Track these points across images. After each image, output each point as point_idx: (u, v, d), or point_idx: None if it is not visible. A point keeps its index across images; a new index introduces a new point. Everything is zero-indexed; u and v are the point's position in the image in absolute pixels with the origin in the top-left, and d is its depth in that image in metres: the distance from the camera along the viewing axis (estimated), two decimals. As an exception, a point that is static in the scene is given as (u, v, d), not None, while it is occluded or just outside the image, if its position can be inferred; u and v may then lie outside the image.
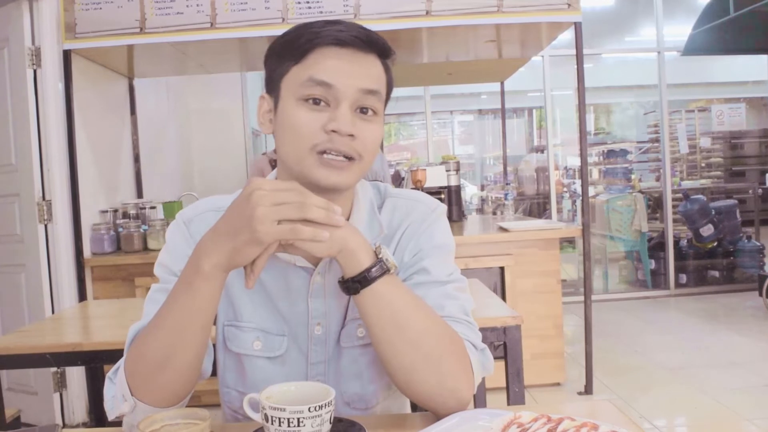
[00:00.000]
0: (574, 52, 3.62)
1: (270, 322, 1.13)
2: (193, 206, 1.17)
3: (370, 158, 1.07)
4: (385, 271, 0.98)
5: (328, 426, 0.90)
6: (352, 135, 1.01)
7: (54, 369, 3.30)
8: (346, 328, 1.13)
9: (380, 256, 0.99)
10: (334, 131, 1.00)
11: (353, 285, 0.98)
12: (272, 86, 1.07)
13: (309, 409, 0.87)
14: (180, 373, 0.98)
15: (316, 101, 1.01)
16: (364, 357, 1.13)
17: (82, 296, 3.45)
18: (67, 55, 3.40)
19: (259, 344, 1.12)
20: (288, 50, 1.04)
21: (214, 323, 1.14)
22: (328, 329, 1.13)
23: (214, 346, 1.16)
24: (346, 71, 1.01)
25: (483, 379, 2.22)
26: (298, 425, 0.87)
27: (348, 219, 1.12)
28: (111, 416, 1.02)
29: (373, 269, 0.97)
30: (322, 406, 0.88)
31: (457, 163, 4.58)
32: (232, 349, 1.14)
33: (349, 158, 1.02)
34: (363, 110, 1.03)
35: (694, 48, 6.55)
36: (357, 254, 0.97)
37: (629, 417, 1.02)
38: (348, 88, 1.01)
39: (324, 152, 1.01)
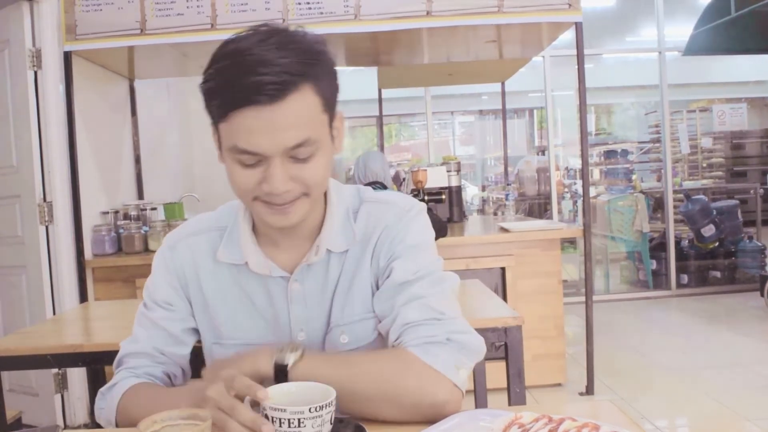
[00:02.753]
0: (574, 52, 3.62)
1: (254, 333, 1.16)
2: (179, 229, 1.24)
3: (319, 190, 1.07)
4: (284, 363, 1.02)
5: (328, 426, 0.90)
6: (288, 190, 1.01)
7: (55, 370, 3.30)
8: (329, 335, 1.15)
9: (278, 360, 1.02)
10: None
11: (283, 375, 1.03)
12: (213, 123, 1.05)
13: (310, 409, 0.87)
14: None
15: (249, 155, 0.99)
16: None
17: (83, 297, 3.45)
18: (67, 57, 3.39)
19: None
20: (210, 101, 1.01)
21: (202, 340, 1.22)
22: (311, 335, 1.15)
23: (194, 352, 1.23)
24: (267, 133, 0.96)
25: (484, 378, 2.23)
26: (299, 426, 0.87)
27: (320, 227, 1.14)
28: (98, 420, 1.16)
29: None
30: (322, 407, 0.88)
31: (458, 163, 4.58)
32: None
33: (294, 199, 1.03)
34: (298, 154, 1.00)
35: (695, 48, 6.55)
36: (255, 361, 1.03)
37: (630, 417, 1.02)
38: (273, 149, 0.98)
39: (267, 201, 1.03)
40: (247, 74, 0.95)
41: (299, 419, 0.87)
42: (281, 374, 1.03)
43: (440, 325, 1.07)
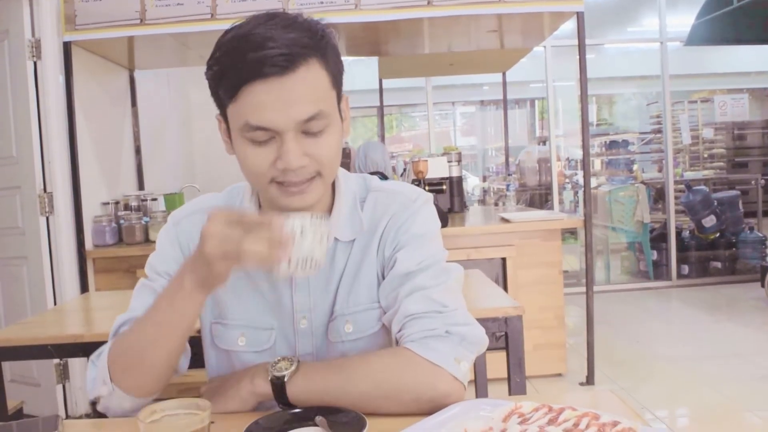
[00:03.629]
0: (576, 42, 3.60)
1: (257, 316, 1.16)
2: (184, 207, 1.23)
3: (332, 169, 1.07)
4: (281, 378, 1.04)
5: (326, 244, 0.96)
6: (303, 166, 1.01)
7: (56, 361, 3.31)
8: (333, 323, 1.15)
9: (275, 376, 1.04)
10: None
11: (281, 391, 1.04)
12: (221, 111, 1.06)
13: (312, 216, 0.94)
14: (155, 369, 1.06)
15: (262, 131, 0.99)
16: (353, 352, 1.14)
17: (84, 288, 3.45)
18: (67, 47, 3.38)
19: (243, 340, 1.16)
20: (219, 85, 1.01)
21: (201, 321, 1.21)
22: (313, 323, 1.15)
23: (196, 343, 1.20)
24: (279, 107, 0.97)
25: (485, 368, 2.23)
26: (301, 234, 0.92)
27: (329, 215, 1.14)
28: (90, 396, 1.11)
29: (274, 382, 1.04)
30: (321, 216, 0.95)
31: (459, 154, 4.57)
32: (219, 345, 1.18)
33: (310, 179, 1.03)
34: (311, 128, 1.00)
35: (697, 38, 6.52)
36: (253, 381, 1.07)
37: (630, 407, 1.02)
38: (286, 124, 0.98)
39: (282, 183, 1.02)
40: (255, 50, 0.95)
41: (302, 227, 0.92)
42: (279, 389, 1.04)
43: (441, 317, 1.07)
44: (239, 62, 0.96)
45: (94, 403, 1.12)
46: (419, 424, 0.93)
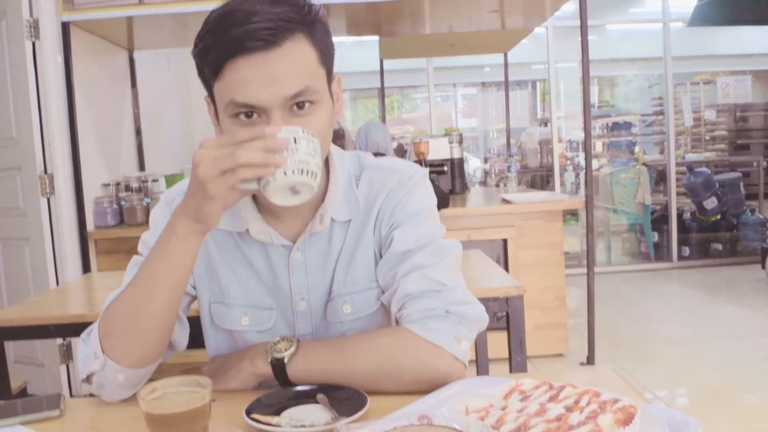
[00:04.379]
0: (578, 23, 3.57)
1: (257, 296, 1.15)
2: (176, 185, 1.20)
3: (322, 145, 1.02)
4: (281, 359, 1.04)
5: (319, 160, 0.93)
6: None
7: (60, 341, 3.32)
8: (331, 303, 1.15)
9: (275, 357, 1.04)
10: None
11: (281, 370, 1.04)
12: (208, 91, 1.04)
13: (303, 130, 0.92)
14: (147, 334, 1.02)
15: (248, 115, 0.97)
16: (352, 332, 1.14)
17: (86, 269, 3.45)
18: (65, 27, 3.36)
19: (246, 320, 1.15)
20: (204, 63, 0.99)
21: (197, 301, 1.19)
22: (312, 304, 1.15)
23: (196, 324, 1.19)
24: (264, 83, 0.94)
25: (486, 348, 2.24)
26: (295, 143, 0.90)
27: (324, 196, 1.12)
28: (82, 375, 1.06)
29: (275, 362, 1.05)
30: (314, 134, 0.92)
31: (460, 135, 4.56)
32: (220, 326, 1.17)
33: None
34: (299, 105, 0.98)
35: (699, 19, 6.46)
36: (253, 362, 1.07)
37: (631, 385, 1.03)
38: (272, 100, 0.95)
39: None
40: (238, 25, 0.93)
41: (294, 137, 0.90)
42: (279, 370, 1.04)
43: (440, 296, 1.06)
44: (223, 38, 0.94)
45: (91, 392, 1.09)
46: (420, 402, 0.94)
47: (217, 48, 0.95)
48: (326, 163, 1.13)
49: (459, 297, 1.07)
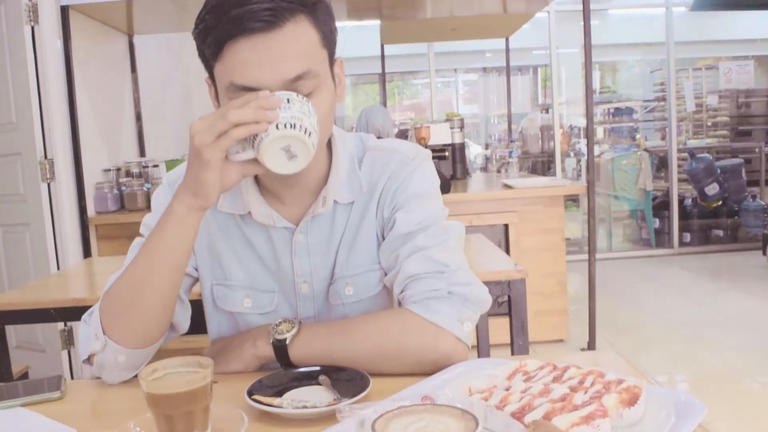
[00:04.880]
0: (580, 7, 3.55)
1: (259, 279, 1.15)
2: (178, 167, 1.19)
3: (323, 133, 1.01)
4: (283, 341, 1.03)
5: (314, 120, 0.93)
6: None
7: (61, 326, 3.32)
8: (333, 286, 1.14)
9: (276, 339, 1.04)
10: None
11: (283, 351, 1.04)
12: (209, 73, 1.03)
13: (297, 95, 0.93)
14: (148, 314, 1.02)
15: None
16: (354, 314, 1.13)
17: (86, 255, 3.45)
18: (64, 11, 3.34)
19: (248, 302, 1.15)
20: (204, 45, 0.98)
21: (199, 283, 1.19)
22: (314, 287, 1.15)
23: (198, 308, 1.19)
24: (265, 65, 0.93)
25: (487, 333, 2.23)
26: (288, 102, 0.91)
27: (327, 178, 1.11)
28: (83, 356, 1.06)
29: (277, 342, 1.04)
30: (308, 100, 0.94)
31: (461, 120, 4.54)
32: (222, 308, 1.17)
33: None
34: (300, 88, 0.97)
35: (703, 3, 6.42)
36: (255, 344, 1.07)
37: (635, 367, 1.02)
38: (272, 83, 0.94)
39: None
40: (239, 5, 0.92)
41: (288, 98, 0.91)
42: (281, 351, 1.03)
43: (443, 278, 1.06)
44: (223, 18, 0.93)
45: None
46: (423, 383, 0.93)
47: (217, 29, 0.94)
48: (328, 144, 1.12)
49: (461, 278, 1.07)
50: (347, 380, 0.96)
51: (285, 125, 0.90)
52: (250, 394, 0.92)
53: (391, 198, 1.12)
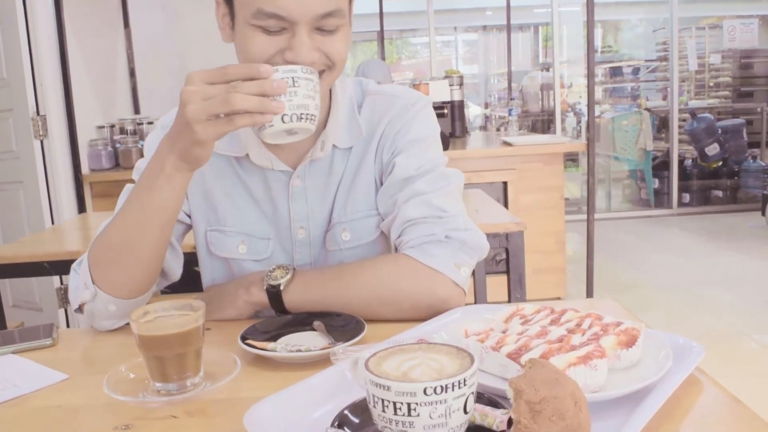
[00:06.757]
0: (583, -41, 3.47)
1: (255, 225, 1.13)
2: (172, 111, 1.14)
3: (340, 68, 1.01)
4: (277, 286, 1.02)
5: (318, 100, 0.89)
6: (313, 62, 0.95)
7: (57, 285, 3.32)
8: (331, 232, 1.13)
9: (270, 284, 1.02)
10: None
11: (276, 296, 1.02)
12: None
13: (302, 69, 0.88)
14: (137, 266, 1.00)
15: (271, 30, 0.93)
16: (351, 260, 1.12)
17: (81, 212, 3.43)
18: (54, -37, 3.26)
19: (243, 248, 1.13)
20: None
21: (192, 228, 1.17)
22: (311, 232, 1.13)
23: (188, 251, 1.17)
24: None
25: (484, 289, 2.22)
26: (293, 85, 0.86)
27: (326, 122, 1.09)
28: (74, 305, 1.05)
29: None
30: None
31: (461, 77, 4.48)
32: (216, 253, 1.15)
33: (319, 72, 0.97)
34: (324, 26, 0.95)
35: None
36: (249, 290, 1.06)
37: (633, 314, 1.01)
38: (302, 16, 0.92)
39: None
40: None
41: (293, 78, 0.86)
42: (275, 297, 1.02)
43: (441, 222, 1.04)
44: None
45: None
46: (419, 327, 0.92)
47: None
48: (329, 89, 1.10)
49: (460, 223, 1.05)
50: (342, 325, 0.95)
51: (291, 117, 0.86)
52: (243, 338, 0.90)
53: (391, 142, 1.11)
